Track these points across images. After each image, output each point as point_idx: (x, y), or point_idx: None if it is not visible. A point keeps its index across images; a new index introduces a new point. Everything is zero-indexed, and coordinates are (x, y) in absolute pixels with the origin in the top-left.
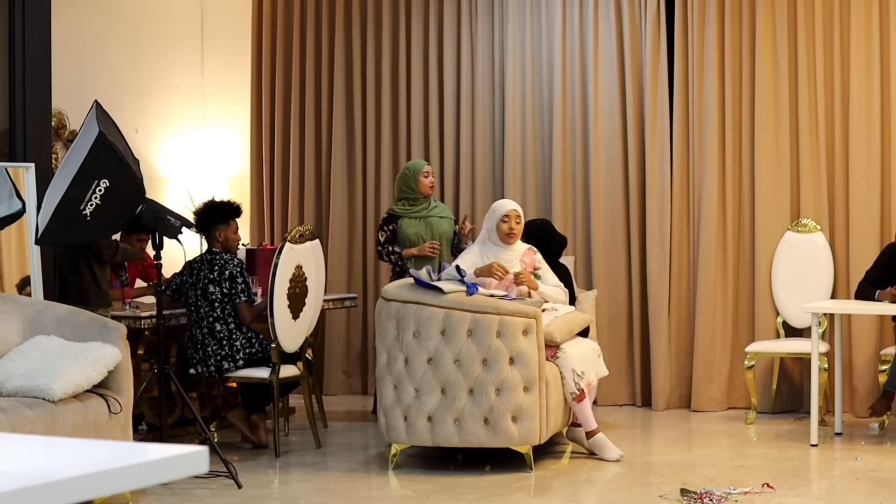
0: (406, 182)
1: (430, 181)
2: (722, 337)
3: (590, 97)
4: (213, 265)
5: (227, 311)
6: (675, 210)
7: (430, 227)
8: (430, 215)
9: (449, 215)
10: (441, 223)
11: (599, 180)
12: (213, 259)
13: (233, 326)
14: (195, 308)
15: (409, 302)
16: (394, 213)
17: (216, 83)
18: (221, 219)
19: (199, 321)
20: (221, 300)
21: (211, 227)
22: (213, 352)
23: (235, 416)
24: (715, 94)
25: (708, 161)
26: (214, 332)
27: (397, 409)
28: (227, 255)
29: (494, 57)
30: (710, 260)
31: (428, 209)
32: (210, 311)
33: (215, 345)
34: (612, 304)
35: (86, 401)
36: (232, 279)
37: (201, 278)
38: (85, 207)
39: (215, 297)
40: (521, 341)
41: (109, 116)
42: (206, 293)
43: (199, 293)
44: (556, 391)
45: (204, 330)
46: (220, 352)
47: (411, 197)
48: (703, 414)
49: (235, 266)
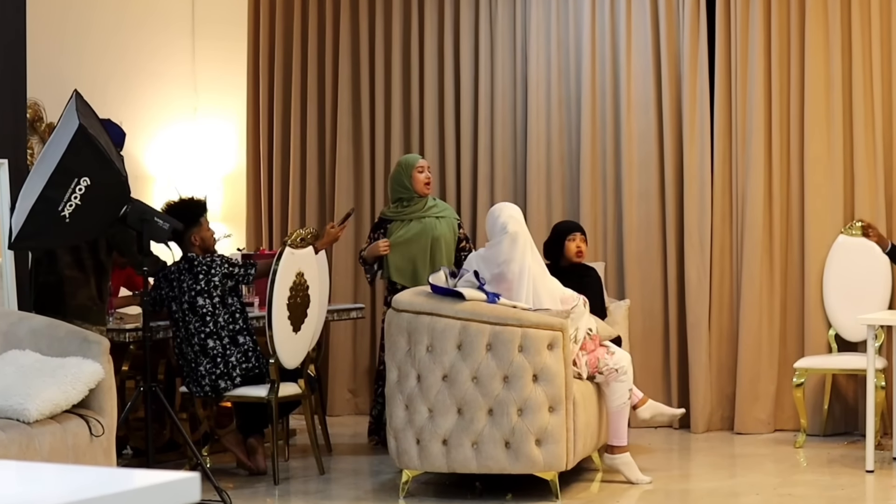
0: (398, 180)
1: (426, 177)
2: (768, 351)
3: (622, 86)
4: (195, 273)
5: (219, 324)
6: (717, 211)
7: (424, 229)
8: (426, 215)
9: (450, 215)
10: (438, 225)
11: (632, 179)
12: (192, 266)
13: (227, 341)
14: (183, 324)
15: (421, 313)
16: (384, 216)
17: (209, 71)
18: (192, 220)
19: (189, 338)
20: (213, 313)
21: (184, 232)
22: (206, 370)
23: (230, 440)
24: (760, 83)
25: (752, 157)
26: (207, 349)
27: (409, 431)
28: (206, 258)
29: (516, 41)
30: (754, 266)
31: (423, 209)
32: (201, 326)
33: (209, 363)
34: (646, 316)
35: (64, 422)
36: (224, 281)
37: (185, 290)
38: (63, 208)
39: (206, 310)
40: (545, 356)
41: (91, 108)
42: (195, 307)
43: (185, 307)
44: (584, 412)
45: (195, 347)
46: (215, 370)
47: (405, 197)
48: (747, 437)
49: (219, 266)
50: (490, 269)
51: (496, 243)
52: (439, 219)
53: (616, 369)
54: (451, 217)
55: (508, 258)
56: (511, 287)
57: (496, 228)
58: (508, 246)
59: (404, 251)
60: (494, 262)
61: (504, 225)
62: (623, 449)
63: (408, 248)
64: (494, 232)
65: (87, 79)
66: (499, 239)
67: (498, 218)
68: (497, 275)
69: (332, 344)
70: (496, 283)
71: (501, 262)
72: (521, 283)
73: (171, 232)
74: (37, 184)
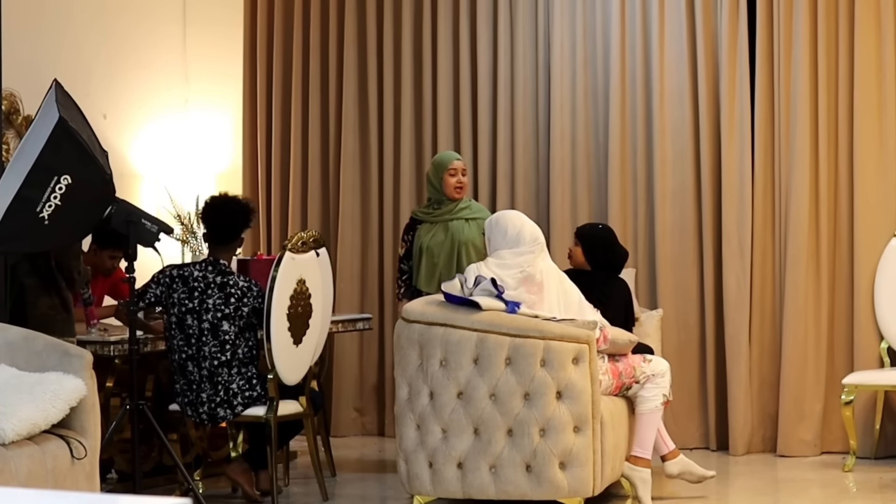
0: (430, 179)
1: (458, 181)
2: (814, 366)
3: (654, 75)
4: (227, 294)
5: (237, 356)
6: (758, 212)
7: (450, 233)
8: (455, 218)
9: (482, 215)
10: (466, 228)
11: (665, 176)
12: (226, 284)
13: (234, 371)
14: (196, 342)
15: (434, 324)
16: (415, 217)
17: (201, 58)
18: (245, 224)
19: (200, 360)
20: (234, 343)
21: (236, 237)
22: (207, 397)
23: (235, 469)
24: (806, 70)
25: (797, 152)
26: (216, 378)
27: (420, 453)
28: (244, 282)
29: (538, 24)
30: (799, 273)
31: (452, 212)
32: (219, 352)
33: (211, 390)
34: (680, 327)
35: (43, 443)
36: (251, 315)
37: (211, 308)
38: (42, 209)
39: (228, 336)
40: (570, 371)
41: (72, 99)
42: (218, 331)
43: (206, 326)
44: (612, 432)
45: (204, 371)
46: (216, 398)
47: (436, 199)
48: (791, 460)
49: (254, 298)
50: (512, 275)
51: (526, 252)
52: (469, 221)
53: (653, 374)
54: (483, 219)
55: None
56: (541, 289)
57: (522, 239)
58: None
59: (430, 258)
60: (519, 267)
61: (534, 236)
62: (645, 462)
63: (432, 255)
64: (519, 242)
65: (68, 67)
66: (529, 248)
67: (522, 228)
68: (524, 278)
69: (337, 358)
70: (524, 286)
71: (529, 266)
72: (549, 285)
73: (160, 234)
74: (12, 182)
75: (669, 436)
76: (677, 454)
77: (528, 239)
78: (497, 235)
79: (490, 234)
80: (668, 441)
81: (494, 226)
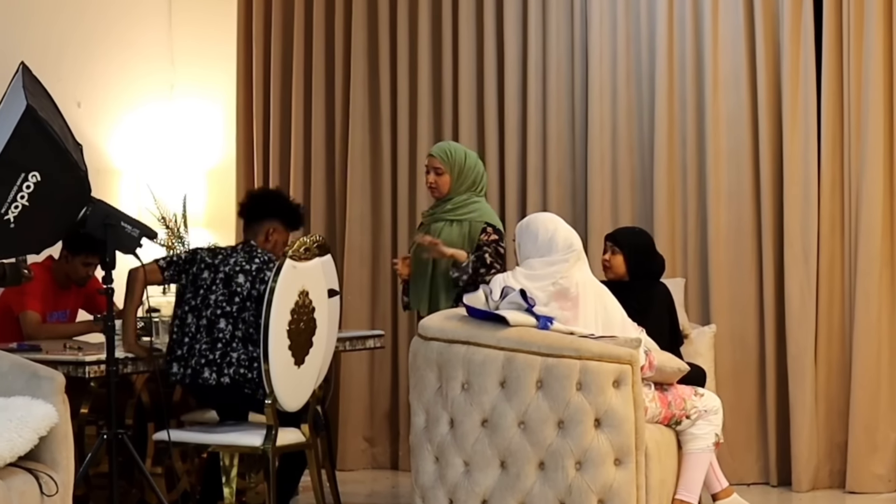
0: None
1: (432, 178)
2: (889, 390)
3: (706, 57)
4: (251, 257)
5: (242, 314)
6: (825, 216)
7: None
8: (441, 218)
9: (473, 217)
10: (446, 231)
11: (720, 174)
12: (252, 250)
13: (238, 335)
14: (205, 291)
15: (455, 341)
16: (423, 218)
17: (189, 38)
18: (284, 216)
19: (203, 308)
20: (244, 297)
21: (263, 219)
22: (199, 350)
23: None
24: (879, 53)
25: (869, 147)
26: (214, 327)
27: (439, 489)
28: (267, 254)
29: (574, 3)
30: (872, 283)
31: (440, 211)
32: (224, 302)
33: (207, 343)
34: (736, 345)
35: (8, 478)
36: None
37: (231, 264)
38: (7, 211)
39: (240, 289)
40: (610, 396)
41: (42, 85)
42: (231, 281)
43: (220, 276)
44: (658, 465)
45: (203, 320)
46: (208, 354)
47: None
48: (862, 497)
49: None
50: (542, 287)
51: (559, 261)
52: (454, 222)
53: (705, 410)
54: (476, 219)
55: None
56: (576, 305)
57: (555, 245)
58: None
59: (413, 268)
60: (550, 278)
61: (569, 242)
62: (727, 492)
63: (414, 265)
64: (551, 249)
65: (37, 48)
66: (563, 256)
67: (555, 233)
68: (557, 292)
69: (344, 380)
70: (556, 301)
71: (562, 277)
72: (586, 300)
73: (142, 239)
74: None
75: (722, 471)
76: (731, 492)
77: (561, 245)
78: (527, 241)
79: (520, 239)
80: (720, 477)
81: (525, 230)
